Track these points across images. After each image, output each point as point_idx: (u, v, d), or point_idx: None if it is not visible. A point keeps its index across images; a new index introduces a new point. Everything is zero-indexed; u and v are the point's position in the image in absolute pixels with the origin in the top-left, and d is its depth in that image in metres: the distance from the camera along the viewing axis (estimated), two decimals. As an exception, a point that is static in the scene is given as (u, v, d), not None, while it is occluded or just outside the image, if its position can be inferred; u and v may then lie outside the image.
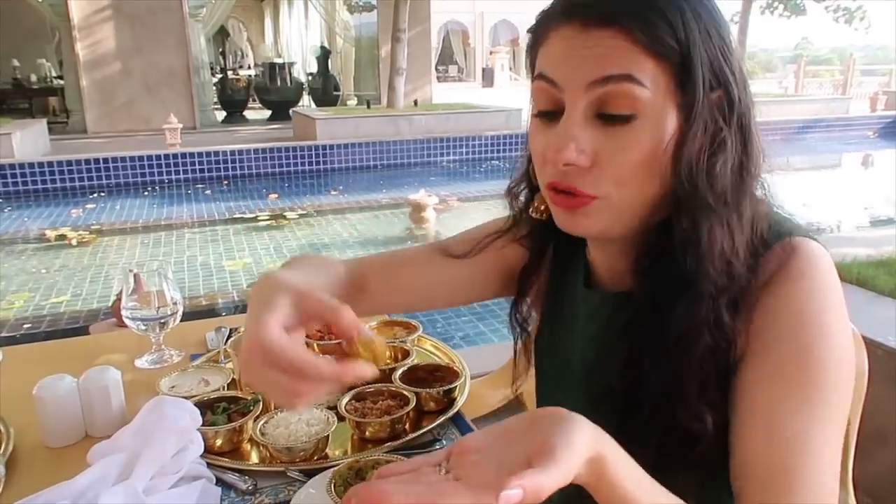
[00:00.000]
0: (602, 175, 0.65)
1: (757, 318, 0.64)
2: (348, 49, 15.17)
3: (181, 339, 1.41)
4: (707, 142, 0.65)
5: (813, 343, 0.61)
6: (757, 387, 0.62)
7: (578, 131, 0.64)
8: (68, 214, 6.71)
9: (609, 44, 0.62)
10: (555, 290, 0.88)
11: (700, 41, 0.63)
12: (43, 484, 0.87)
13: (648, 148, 0.64)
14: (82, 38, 10.81)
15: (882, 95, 13.68)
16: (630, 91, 0.62)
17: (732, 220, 0.65)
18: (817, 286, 0.63)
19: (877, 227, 5.96)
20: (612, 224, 0.68)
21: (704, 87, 0.64)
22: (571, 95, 0.65)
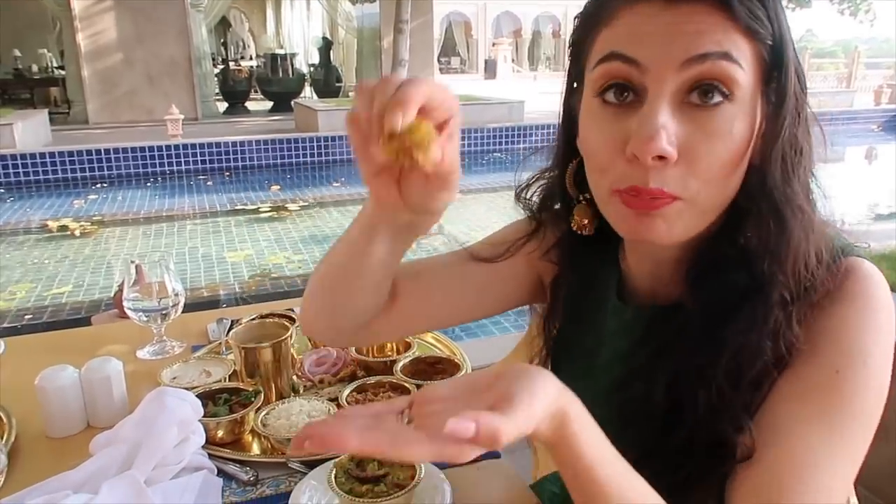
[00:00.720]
0: (690, 171, 0.57)
1: (807, 332, 0.60)
2: (350, 40, 15.10)
3: (183, 330, 1.41)
4: (795, 136, 0.60)
5: (850, 371, 0.57)
6: (782, 402, 0.59)
7: (667, 119, 0.56)
8: (70, 205, 6.71)
9: (702, 19, 0.56)
10: (581, 298, 0.80)
11: (786, 24, 0.59)
12: (45, 474, 0.88)
13: (739, 138, 0.58)
14: (84, 28, 10.78)
15: (886, 88, 13.63)
16: (728, 71, 0.56)
17: (809, 224, 0.60)
18: (867, 315, 0.59)
19: (880, 220, 5.94)
20: (688, 230, 0.61)
21: (793, 75, 0.59)
22: (658, 76, 0.57)
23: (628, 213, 0.60)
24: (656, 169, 0.57)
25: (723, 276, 0.61)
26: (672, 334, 0.64)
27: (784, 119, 0.59)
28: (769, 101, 0.59)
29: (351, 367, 1.21)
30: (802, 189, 0.61)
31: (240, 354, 1.13)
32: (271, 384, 1.14)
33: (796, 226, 0.59)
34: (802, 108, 0.61)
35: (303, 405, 1.05)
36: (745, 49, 0.56)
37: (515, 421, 0.44)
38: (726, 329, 0.60)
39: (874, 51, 30.34)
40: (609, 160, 0.60)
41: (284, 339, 1.14)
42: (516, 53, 25.13)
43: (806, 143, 0.61)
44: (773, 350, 0.59)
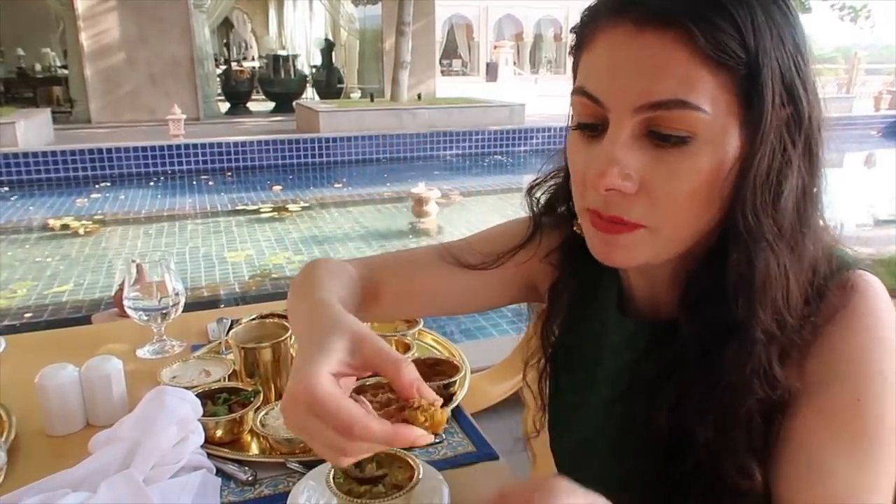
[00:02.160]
0: (651, 203, 0.57)
1: (811, 359, 0.59)
2: (352, 42, 15.11)
3: (183, 329, 1.41)
4: (774, 167, 0.56)
5: (869, 392, 0.57)
6: (806, 432, 0.57)
7: (623, 153, 0.56)
8: (72, 204, 6.71)
9: (663, 54, 0.54)
10: (582, 306, 0.80)
11: (772, 48, 0.54)
12: (44, 472, 0.88)
13: (706, 174, 0.56)
14: (87, 27, 10.79)
15: (886, 94, 13.62)
16: (684, 118, 0.54)
17: (791, 260, 0.58)
18: (877, 332, 0.58)
19: (879, 226, 5.94)
20: (657, 255, 0.61)
21: (774, 102, 0.55)
22: (616, 116, 0.57)
23: (595, 235, 0.62)
24: (615, 199, 0.58)
25: (713, 307, 0.60)
26: (672, 358, 0.64)
27: (758, 150, 0.56)
28: (747, 129, 0.56)
29: (350, 367, 1.21)
30: (785, 220, 0.57)
31: (239, 354, 1.14)
32: (271, 384, 1.14)
33: (772, 262, 0.57)
34: (793, 134, 0.57)
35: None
36: (710, 83, 0.54)
37: None
38: (717, 363, 0.59)
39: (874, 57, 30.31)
40: (581, 184, 0.62)
41: (284, 339, 1.14)
42: (518, 56, 25.12)
43: (801, 170, 0.58)
44: (763, 388, 0.58)
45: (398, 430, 0.51)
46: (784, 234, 0.57)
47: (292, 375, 0.52)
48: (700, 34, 0.52)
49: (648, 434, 0.64)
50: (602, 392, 0.76)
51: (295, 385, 0.51)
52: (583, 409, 0.79)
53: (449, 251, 0.84)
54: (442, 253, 0.84)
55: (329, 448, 0.51)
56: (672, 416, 0.63)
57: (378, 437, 0.50)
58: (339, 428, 0.50)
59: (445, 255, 0.84)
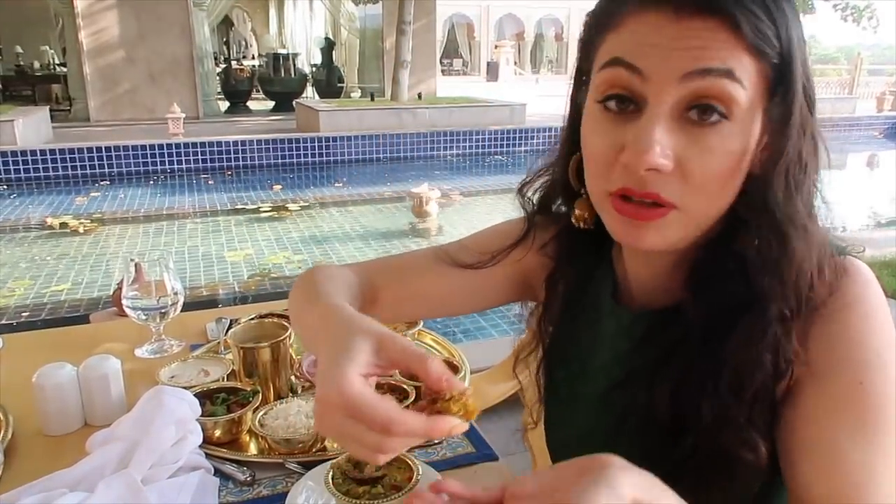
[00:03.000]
0: (685, 182, 0.59)
1: (811, 345, 0.60)
2: (353, 41, 15.11)
3: (181, 329, 1.41)
4: (803, 154, 0.60)
5: (870, 373, 0.58)
6: (813, 419, 0.59)
7: (663, 131, 0.57)
8: (70, 202, 6.71)
9: (709, 35, 0.56)
10: (577, 298, 0.81)
11: (798, 43, 0.58)
12: (41, 472, 0.87)
13: (735, 155, 0.59)
14: (86, 25, 10.78)
15: (889, 95, 13.62)
16: (728, 90, 0.56)
17: (811, 238, 0.61)
18: (871, 312, 0.60)
19: (881, 227, 5.95)
20: (682, 238, 0.63)
21: (800, 93, 0.59)
22: (659, 87, 0.57)
23: (624, 222, 0.62)
24: (650, 177, 0.59)
25: (722, 288, 0.62)
26: (673, 342, 0.65)
27: (789, 137, 0.59)
28: (771, 116, 0.59)
29: (349, 367, 1.21)
30: (805, 205, 0.61)
31: (238, 354, 1.13)
32: (269, 384, 1.13)
33: (799, 242, 0.60)
34: (808, 125, 0.60)
35: (301, 406, 1.04)
36: (750, 67, 0.57)
37: None
38: (726, 342, 0.61)
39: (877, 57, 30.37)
40: (605, 165, 0.61)
41: (283, 339, 1.13)
42: (518, 56, 25.15)
43: (811, 159, 0.61)
44: (774, 364, 0.60)
45: (435, 423, 0.53)
46: (806, 217, 0.61)
47: (320, 381, 0.53)
48: (744, 21, 0.55)
49: (647, 420, 0.66)
50: (597, 383, 0.77)
51: (327, 390, 0.51)
52: (578, 402, 0.80)
53: (445, 252, 0.85)
54: (438, 254, 0.86)
55: (367, 448, 0.52)
56: (673, 399, 0.64)
57: (417, 430, 0.52)
58: (378, 426, 0.51)
59: (442, 256, 0.85)
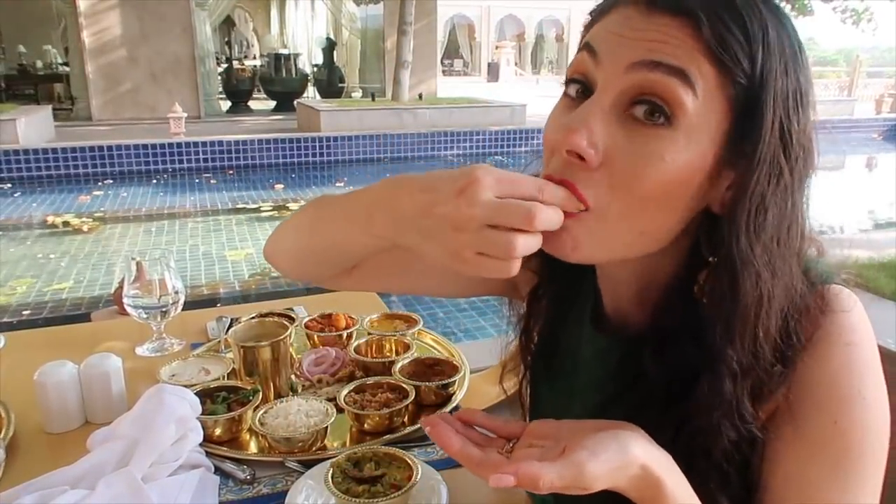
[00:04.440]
0: (607, 181, 0.54)
1: (795, 380, 0.58)
2: (354, 41, 15.11)
3: (182, 327, 1.42)
4: (768, 193, 0.55)
5: (847, 411, 0.56)
6: (788, 456, 0.58)
7: (598, 119, 0.54)
8: (72, 201, 6.71)
9: (671, 32, 0.53)
10: (560, 316, 0.78)
11: (778, 75, 0.53)
12: (42, 469, 0.88)
13: (673, 169, 0.53)
14: (88, 24, 10.79)
15: (888, 97, 13.64)
16: (675, 90, 0.52)
17: (773, 287, 0.56)
18: (852, 352, 0.57)
19: (879, 229, 5.94)
20: (598, 251, 0.58)
21: (773, 127, 0.54)
22: (607, 73, 0.55)
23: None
24: (573, 166, 0.55)
25: (679, 349, 0.59)
26: (639, 399, 0.62)
27: (754, 173, 0.54)
28: (736, 149, 0.55)
29: (349, 367, 1.21)
30: (773, 247, 0.56)
31: (239, 353, 1.14)
32: (270, 383, 1.14)
33: (757, 289, 0.55)
34: (783, 176, 0.55)
35: (301, 405, 1.05)
36: (709, 76, 0.53)
37: (559, 471, 0.49)
38: (683, 406, 0.58)
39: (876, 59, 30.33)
40: (549, 152, 0.59)
41: (283, 338, 1.14)
42: (519, 56, 25.14)
43: (788, 201, 0.56)
44: (736, 429, 0.57)
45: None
46: (771, 260, 0.56)
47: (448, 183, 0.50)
48: (707, 24, 0.52)
49: None
50: (581, 402, 0.75)
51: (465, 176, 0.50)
52: (565, 418, 0.78)
53: None
54: None
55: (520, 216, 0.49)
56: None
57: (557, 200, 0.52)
58: (528, 189, 0.50)
59: None
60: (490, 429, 0.59)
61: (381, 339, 1.30)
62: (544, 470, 0.48)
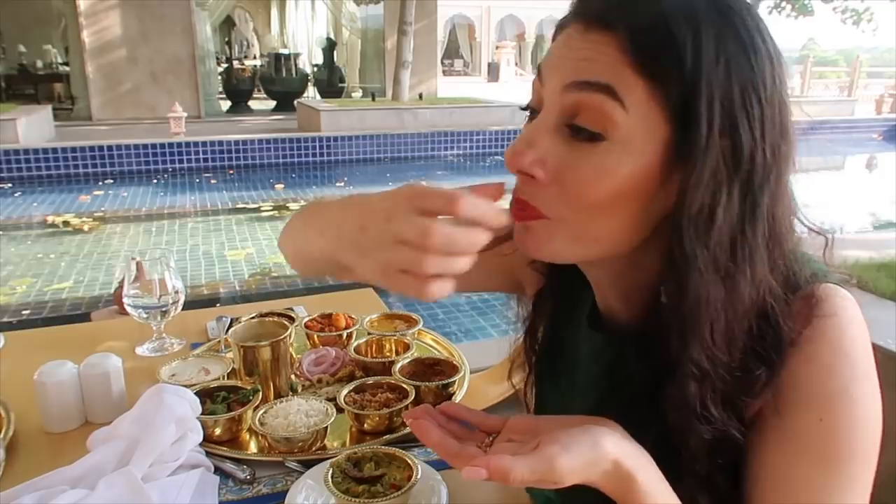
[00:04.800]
0: (559, 195, 0.57)
1: (782, 378, 0.57)
2: (354, 41, 15.11)
3: (182, 327, 1.42)
4: (708, 198, 0.54)
5: (833, 408, 0.56)
6: (773, 451, 0.57)
7: (543, 137, 0.57)
8: (73, 201, 6.71)
9: (599, 49, 0.55)
10: (563, 317, 0.80)
11: (716, 75, 0.53)
12: (42, 469, 0.88)
13: (618, 178, 0.55)
14: (88, 24, 10.79)
15: (888, 98, 13.64)
16: (603, 106, 0.54)
17: (724, 295, 0.55)
18: (841, 352, 0.57)
19: (879, 230, 5.94)
20: (567, 250, 0.60)
21: (712, 131, 0.53)
22: (548, 94, 0.58)
23: (516, 225, 0.60)
24: (526, 183, 0.58)
25: (655, 345, 0.59)
26: (629, 395, 0.63)
27: (692, 177, 0.54)
28: (684, 157, 0.54)
29: (349, 367, 1.21)
30: (720, 253, 0.55)
31: (238, 353, 1.14)
32: (269, 383, 1.14)
33: (701, 294, 0.55)
34: (730, 168, 0.54)
35: (300, 404, 1.05)
36: (639, 90, 0.53)
37: (530, 465, 0.50)
38: (662, 404, 0.58)
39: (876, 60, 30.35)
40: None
41: (283, 338, 1.14)
42: (519, 57, 25.14)
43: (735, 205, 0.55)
44: (706, 427, 0.57)
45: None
46: (718, 267, 0.55)
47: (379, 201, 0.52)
48: (631, 40, 0.53)
49: None
50: (580, 400, 0.76)
51: (394, 193, 0.52)
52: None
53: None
54: None
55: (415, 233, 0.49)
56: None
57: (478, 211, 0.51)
58: (446, 200, 0.50)
59: None
60: (472, 422, 0.61)
61: (381, 339, 1.30)
62: (516, 464, 0.50)
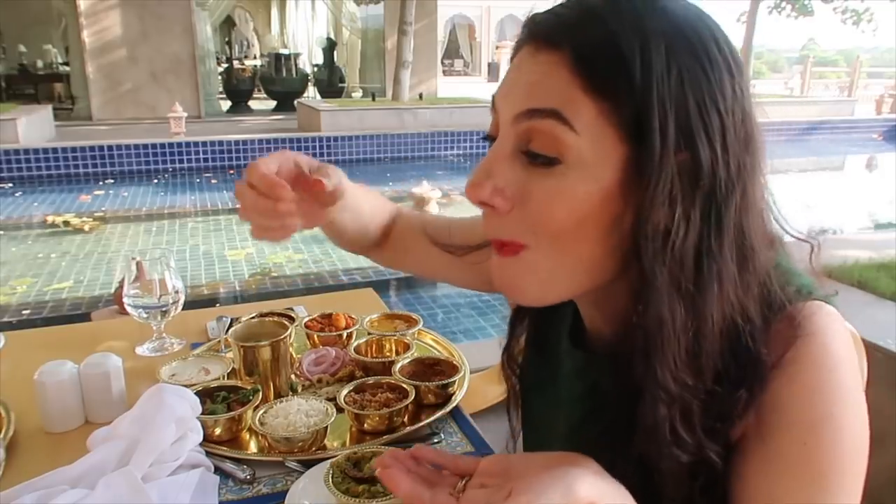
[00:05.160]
0: (521, 221, 0.57)
1: (765, 400, 0.56)
2: (354, 41, 15.11)
3: (182, 327, 1.41)
4: (665, 216, 0.53)
5: (817, 432, 0.54)
6: (757, 473, 0.56)
7: (501, 167, 0.57)
8: (73, 201, 6.71)
9: (547, 71, 0.54)
10: (542, 334, 0.80)
11: (666, 85, 0.51)
12: (42, 469, 0.88)
13: (575, 203, 0.54)
14: (88, 24, 10.79)
15: (888, 98, 13.64)
16: (553, 131, 0.53)
17: (688, 315, 0.54)
18: (825, 374, 0.55)
19: (879, 229, 5.94)
20: (545, 286, 0.59)
21: (665, 146, 0.52)
22: (502, 123, 0.58)
23: (494, 259, 0.61)
24: (490, 216, 0.58)
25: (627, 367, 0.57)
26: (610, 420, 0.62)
27: (648, 195, 0.52)
28: (633, 168, 0.53)
29: (349, 367, 1.21)
30: (682, 273, 0.54)
31: (239, 352, 1.13)
32: (270, 383, 1.14)
33: (663, 314, 0.54)
34: (686, 185, 0.53)
35: (301, 404, 1.05)
36: (589, 110, 0.53)
37: None
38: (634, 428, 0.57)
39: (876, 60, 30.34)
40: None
41: (283, 337, 1.14)
42: (520, 57, 25.11)
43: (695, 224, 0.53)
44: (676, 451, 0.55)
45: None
46: (679, 286, 0.54)
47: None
48: (577, 60, 0.53)
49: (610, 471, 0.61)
50: (565, 415, 0.75)
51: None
52: (552, 432, 0.79)
53: (427, 228, 0.93)
54: (426, 228, 0.93)
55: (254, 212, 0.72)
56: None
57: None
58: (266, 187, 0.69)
59: (429, 231, 0.92)
60: (443, 466, 0.58)
61: (381, 339, 1.30)
62: None
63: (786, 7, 15.14)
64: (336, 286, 4.28)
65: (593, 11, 0.54)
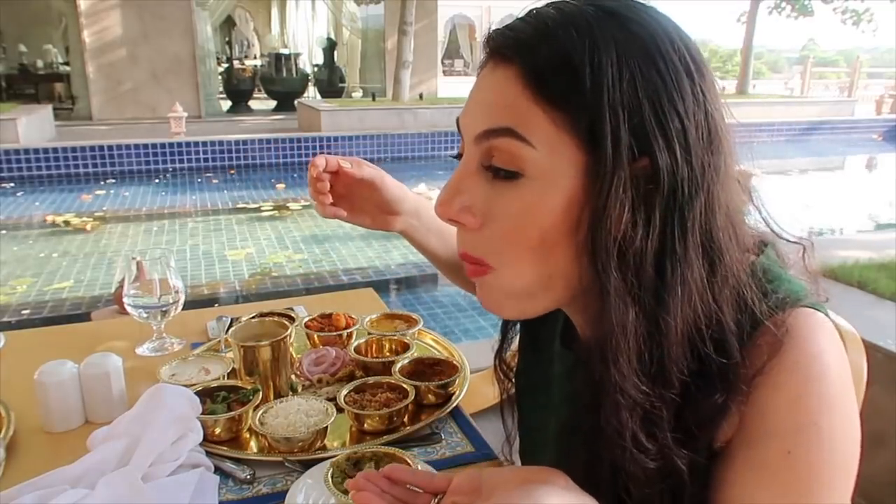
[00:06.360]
0: (490, 238, 0.57)
1: (748, 409, 0.55)
2: (354, 41, 15.12)
3: (182, 327, 1.42)
4: (622, 222, 0.53)
5: (802, 448, 0.53)
6: (741, 481, 0.55)
7: (468, 184, 0.58)
8: (73, 201, 6.72)
9: (503, 88, 0.55)
10: (534, 337, 0.81)
11: (618, 91, 0.51)
12: (42, 469, 0.88)
13: (541, 215, 0.54)
14: (89, 24, 10.80)
15: (888, 98, 13.64)
16: (510, 147, 0.54)
17: (648, 322, 0.54)
18: (813, 379, 0.54)
19: (879, 230, 5.93)
20: (514, 302, 0.60)
21: (619, 153, 0.51)
22: (466, 143, 0.59)
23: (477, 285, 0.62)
24: (463, 231, 0.60)
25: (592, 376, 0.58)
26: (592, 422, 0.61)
27: (603, 201, 0.52)
28: (590, 177, 0.53)
29: (349, 367, 1.21)
30: (642, 279, 0.53)
31: (239, 352, 1.13)
32: (270, 383, 1.14)
33: (621, 320, 0.53)
34: (642, 189, 0.53)
35: (300, 404, 1.05)
36: (544, 123, 0.53)
37: None
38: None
39: (876, 60, 30.34)
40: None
41: (283, 337, 1.14)
42: (520, 57, 25.13)
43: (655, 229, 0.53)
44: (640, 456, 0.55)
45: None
46: (634, 292, 0.53)
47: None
48: (528, 74, 0.53)
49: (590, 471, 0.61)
50: (556, 416, 0.76)
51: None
52: (547, 433, 0.79)
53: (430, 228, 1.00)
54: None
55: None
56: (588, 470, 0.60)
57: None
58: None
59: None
60: (415, 485, 0.60)
61: (381, 338, 1.30)
62: None
63: (786, 7, 15.15)
64: (336, 286, 4.28)
65: (544, 23, 0.54)
